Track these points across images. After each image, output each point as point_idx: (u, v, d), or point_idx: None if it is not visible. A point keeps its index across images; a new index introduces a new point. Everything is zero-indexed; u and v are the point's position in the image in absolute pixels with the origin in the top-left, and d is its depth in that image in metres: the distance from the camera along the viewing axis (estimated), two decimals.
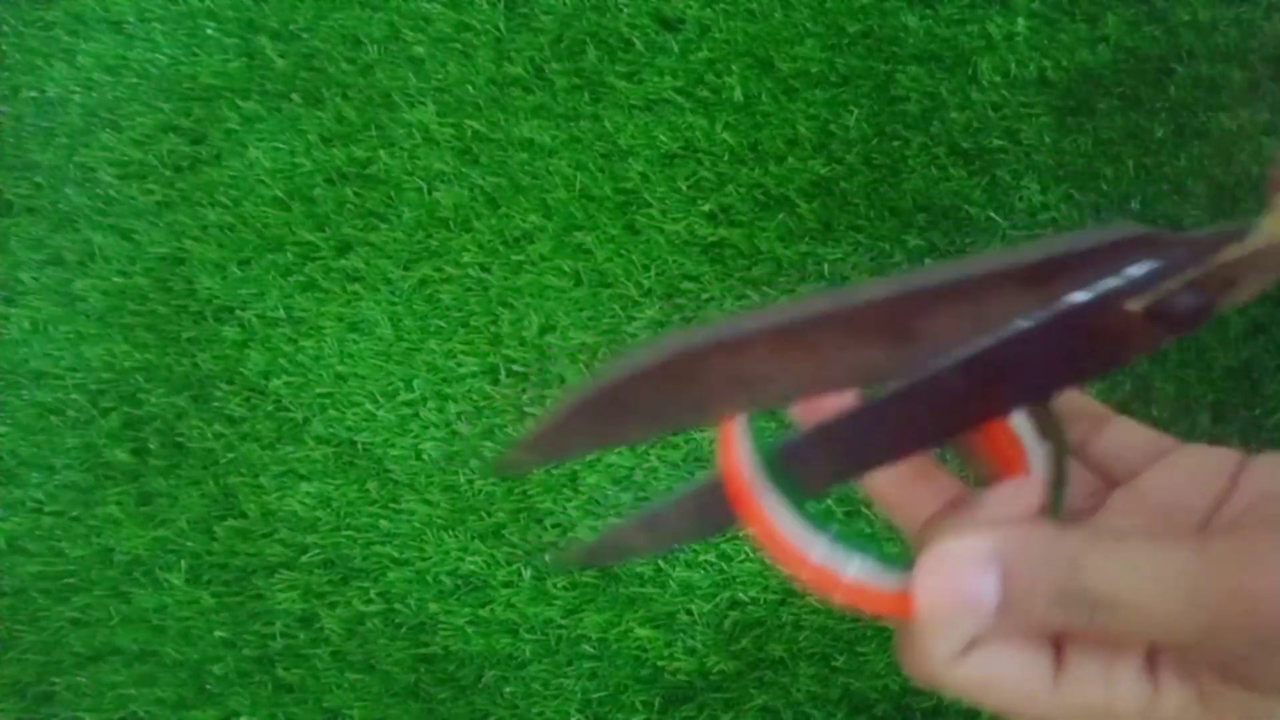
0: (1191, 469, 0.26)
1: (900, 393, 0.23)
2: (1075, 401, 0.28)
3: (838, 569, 0.23)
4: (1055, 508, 0.24)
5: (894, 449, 0.25)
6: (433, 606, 0.79)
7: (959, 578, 0.21)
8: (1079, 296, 0.23)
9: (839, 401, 0.24)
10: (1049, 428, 0.25)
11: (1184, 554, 0.21)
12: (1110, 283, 0.23)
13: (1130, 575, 0.21)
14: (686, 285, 0.82)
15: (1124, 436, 0.27)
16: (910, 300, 0.22)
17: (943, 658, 0.23)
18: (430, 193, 0.87)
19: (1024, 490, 0.24)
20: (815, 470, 0.24)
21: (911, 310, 0.22)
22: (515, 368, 0.82)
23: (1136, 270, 0.23)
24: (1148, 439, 0.27)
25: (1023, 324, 0.23)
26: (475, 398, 0.82)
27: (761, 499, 0.23)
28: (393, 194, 0.88)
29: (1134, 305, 0.23)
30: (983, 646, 0.23)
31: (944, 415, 0.24)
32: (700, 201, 0.83)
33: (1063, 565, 0.21)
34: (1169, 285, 0.23)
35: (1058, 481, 0.25)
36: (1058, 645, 0.23)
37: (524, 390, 0.82)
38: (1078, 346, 0.23)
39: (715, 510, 0.25)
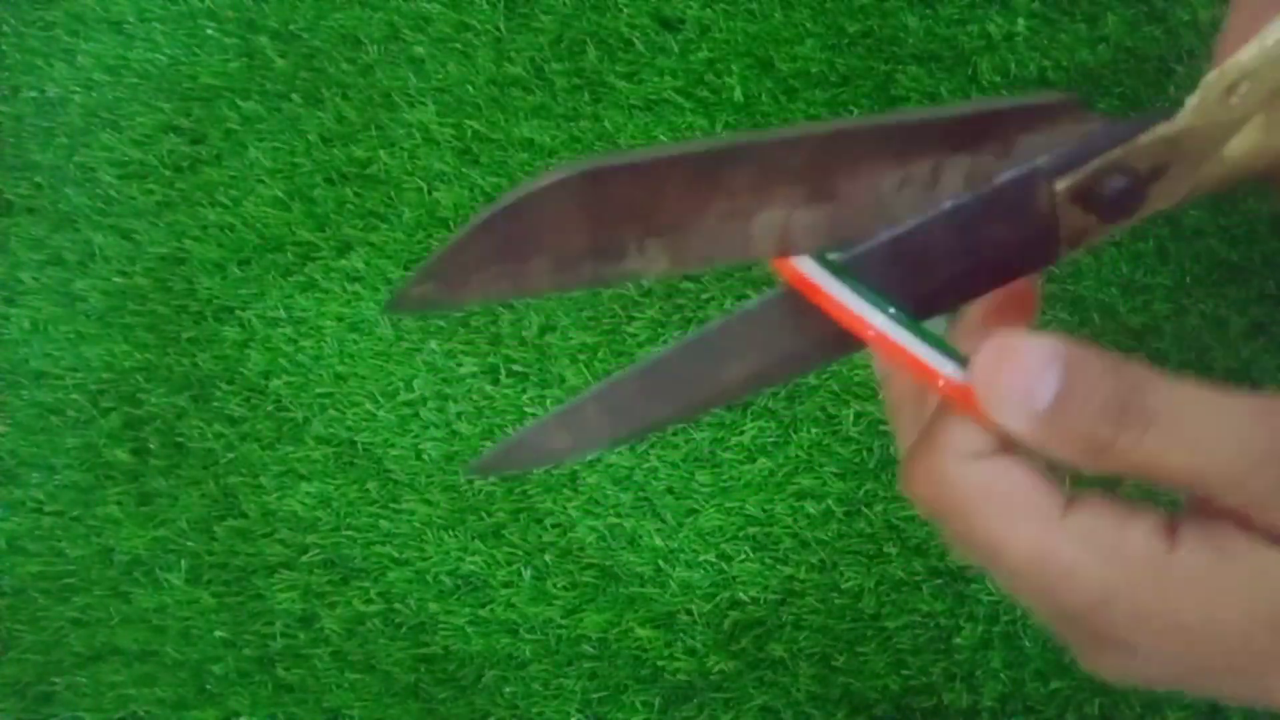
0: None
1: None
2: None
3: (903, 340, 0.22)
4: None
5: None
6: (433, 606, 0.79)
7: (1021, 363, 0.20)
8: (1007, 173, 0.22)
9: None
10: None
11: (1248, 399, 0.20)
12: (1038, 160, 0.22)
13: (1198, 403, 0.20)
14: (686, 285, 0.82)
15: None
16: (831, 145, 0.21)
17: (958, 452, 0.22)
18: (430, 193, 0.87)
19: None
20: None
21: (833, 159, 0.21)
22: (515, 368, 0.82)
23: (1063, 147, 0.22)
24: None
25: (949, 203, 0.22)
26: (475, 398, 0.82)
27: (844, 295, 0.22)
28: (393, 194, 0.88)
29: (1062, 184, 0.22)
30: (1002, 455, 0.22)
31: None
32: None
33: (1126, 380, 0.20)
34: (1097, 163, 0.22)
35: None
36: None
37: (524, 390, 0.82)
38: (1008, 231, 0.22)
39: (632, 409, 0.23)
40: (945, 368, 0.21)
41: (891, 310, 0.22)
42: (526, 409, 0.81)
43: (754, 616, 0.75)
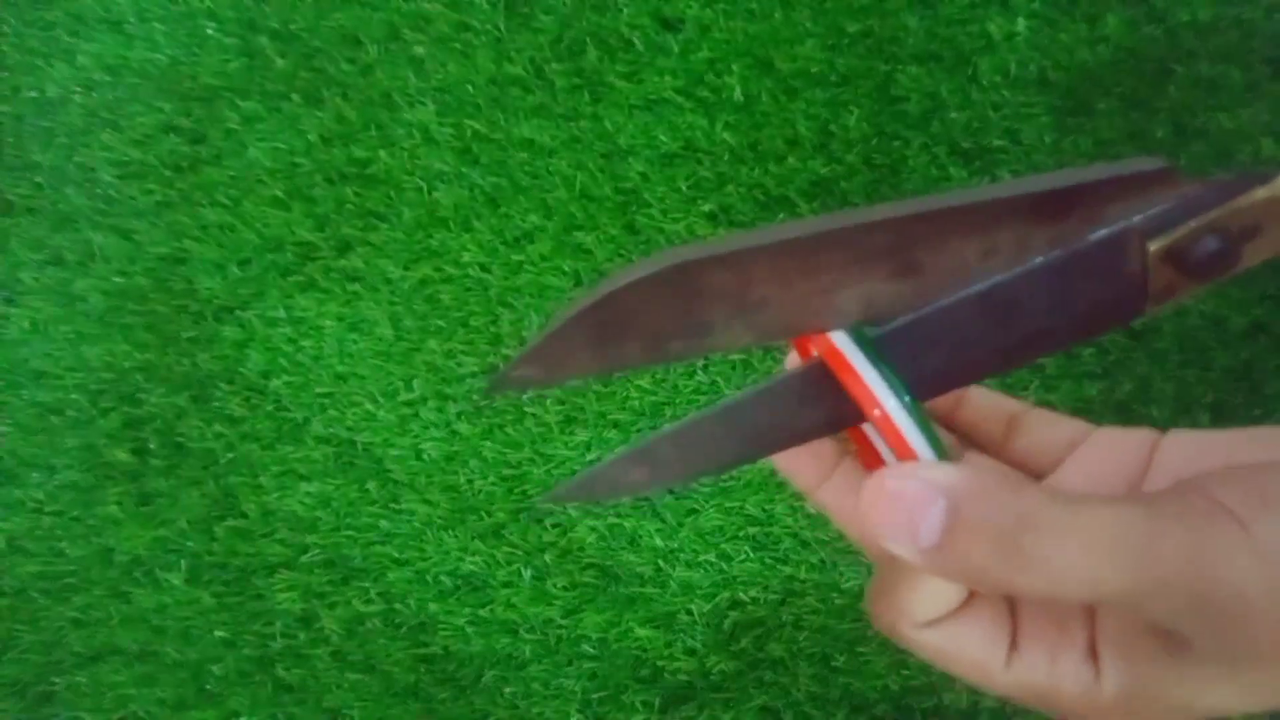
0: (1106, 454, 0.26)
1: (910, 323, 0.22)
2: (988, 400, 0.28)
3: (897, 417, 0.22)
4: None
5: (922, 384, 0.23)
6: (433, 606, 0.79)
7: (903, 501, 0.21)
8: (1099, 233, 0.21)
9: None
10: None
11: (1136, 512, 0.20)
12: (1129, 220, 0.21)
13: (1082, 531, 0.20)
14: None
15: (1042, 430, 0.28)
16: (917, 225, 0.21)
17: (911, 622, 0.24)
18: (430, 193, 0.87)
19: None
20: None
21: (918, 237, 0.21)
22: None
23: (1156, 208, 0.22)
24: (1066, 429, 0.27)
25: (1038, 259, 0.22)
26: (475, 398, 0.82)
27: (852, 357, 0.22)
28: (393, 194, 0.88)
29: (1156, 244, 0.22)
30: (949, 622, 0.24)
31: (956, 353, 0.23)
32: (700, 201, 0.83)
33: (1012, 517, 0.20)
34: (1190, 226, 0.22)
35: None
36: (1014, 629, 0.24)
37: (524, 390, 0.82)
38: (1096, 289, 0.22)
39: (716, 446, 0.24)
40: (925, 454, 0.22)
41: (906, 398, 0.22)
42: (526, 409, 0.81)
43: (754, 616, 0.75)
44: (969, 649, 0.24)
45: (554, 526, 0.79)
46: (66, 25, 0.98)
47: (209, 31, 0.95)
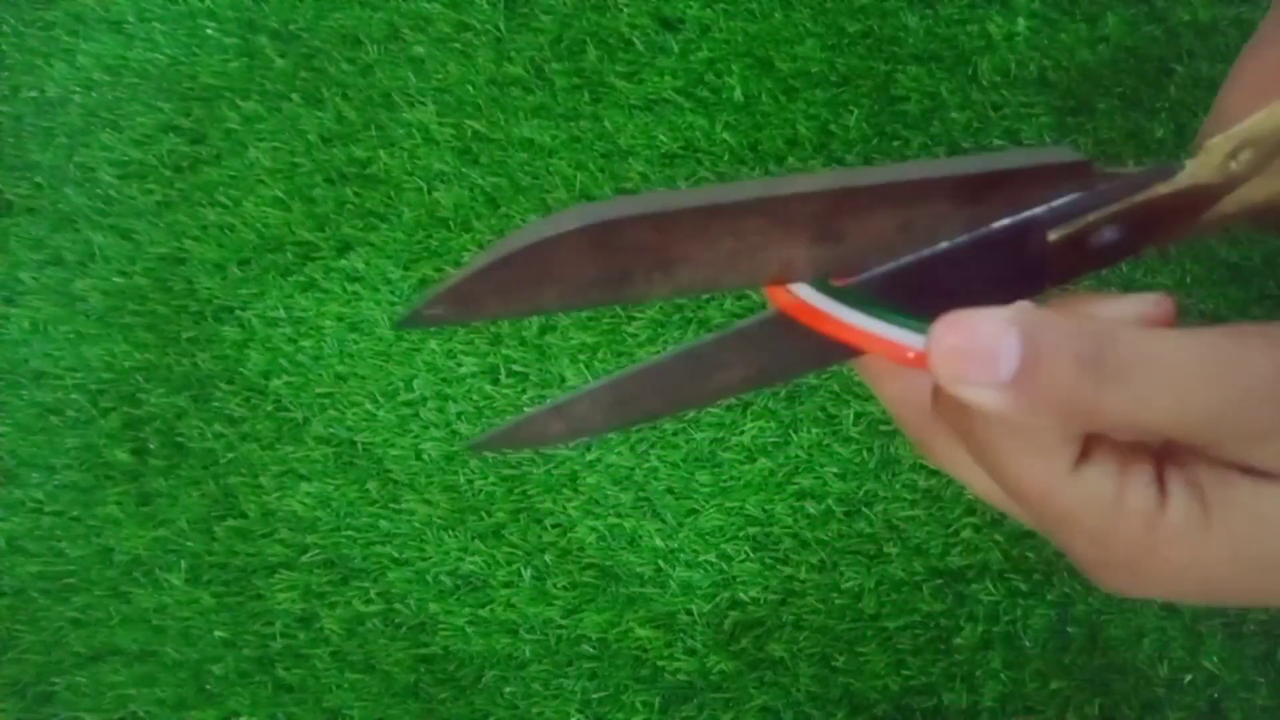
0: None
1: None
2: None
3: (881, 333, 0.23)
4: None
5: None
6: (433, 606, 0.79)
7: (975, 335, 0.20)
8: (1003, 221, 0.23)
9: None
10: None
11: (1213, 335, 0.20)
12: (1035, 209, 0.23)
13: (1169, 347, 0.20)
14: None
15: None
16: (841, 199, 0.22)
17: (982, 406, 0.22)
18: (430, 193, 0.87)
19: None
20: None
21: (842, 208, 0.22)
22: (515, 368, 0.82)
23: (1062, 199, 0.23)
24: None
25: (945, 244, 0.23)
26: (475, 398, 0.82)
27: (840, 312, 0.23)
28: (393, 194, 0.88)
29: (1055, 234, 0.23)
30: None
31: None
32: None
33: (1093, 334, 0.20)
34: (1092, 218, 0.23)
35: None
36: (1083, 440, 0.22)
37: (524, 390, 0.82)
38: (997, 269, 0.24)
39: (629, 402, 0.25)
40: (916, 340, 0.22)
41: (884, 311, 0.23)
42: (526, 409, 0.81)
43: (754, 616, 0.75)
44: (1032, 450, 0.22)
45: (554, 526, 0.79)
46: (66, 25, 0.98)
47: (209, 31, 0.95)
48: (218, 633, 0.81)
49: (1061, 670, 0.71)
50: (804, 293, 0.23)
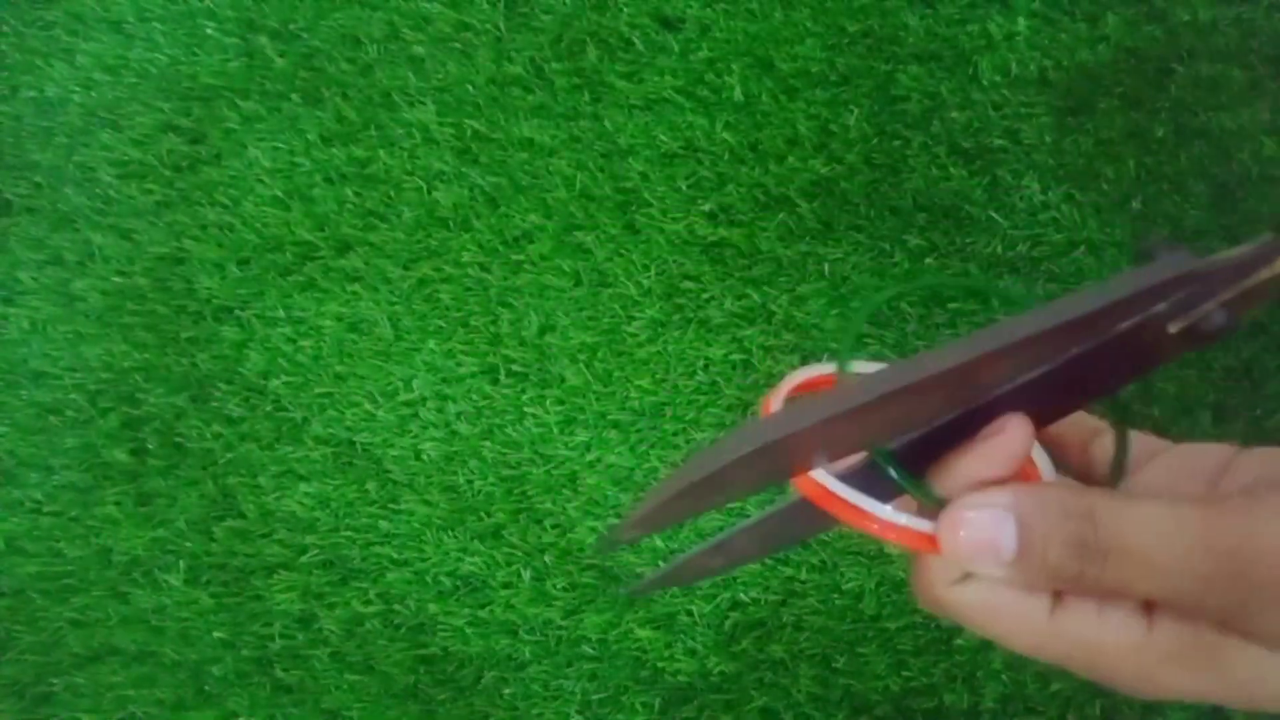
0: (1186, 462, 0.27)
1: (959, 418, 0.26)
2: (1071, 418, 0.29)
3: (894, 520, 0.25)
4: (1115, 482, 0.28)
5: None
6: (432, 607, 0.78)
7: (978, 527, 0.23)
8: (1126, 324, 0.25)
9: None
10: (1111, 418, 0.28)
11: (1194, 510, 0.22)
12: (1157, 307, 0.25)
13: (1143, 526, 0.22)
14: (686, 285, 0.82)
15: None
16: (978, 363, 0.24)
17: (946, 582, 0.25)
18: (430, 192, 0.87)
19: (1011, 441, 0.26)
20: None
21: (977, 369, 0.24)
22: (515, 368, 0.82)
23: (1176, 294, 0.25)
24: (1144, 443, 0.29)
25: (1075, 350, 0.25)
26: (475, 398, 0.82)
27: (839, 491, 0.26)
28: (393, 194, 0.88)
29: (1175, 326, 0.25)
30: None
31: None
32: (700, 201, 0.83)
33: (1077, 516, 0.23)
34: (1203, 310, 0.25)
35: (1117, 462, 0.27)
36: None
37: (523, 390, 0.82)
38: (1119, 363, 0.26)
39: (776, 534, 0.28)
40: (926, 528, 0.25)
41: (888, 507, 0.25)
42: (526, 409, 0.81)
43: (754, 617, 0.75)
44: (1011, 601, 0.24)
45: (554, 527, 0.79)
46: (66, 25, 0.98)
47: (209, 31, 0.95)
48: (217, 633, 0.81)
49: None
50: (825, 480, 0.26)
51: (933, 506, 0.25)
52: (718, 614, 0.75)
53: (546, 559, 0.78)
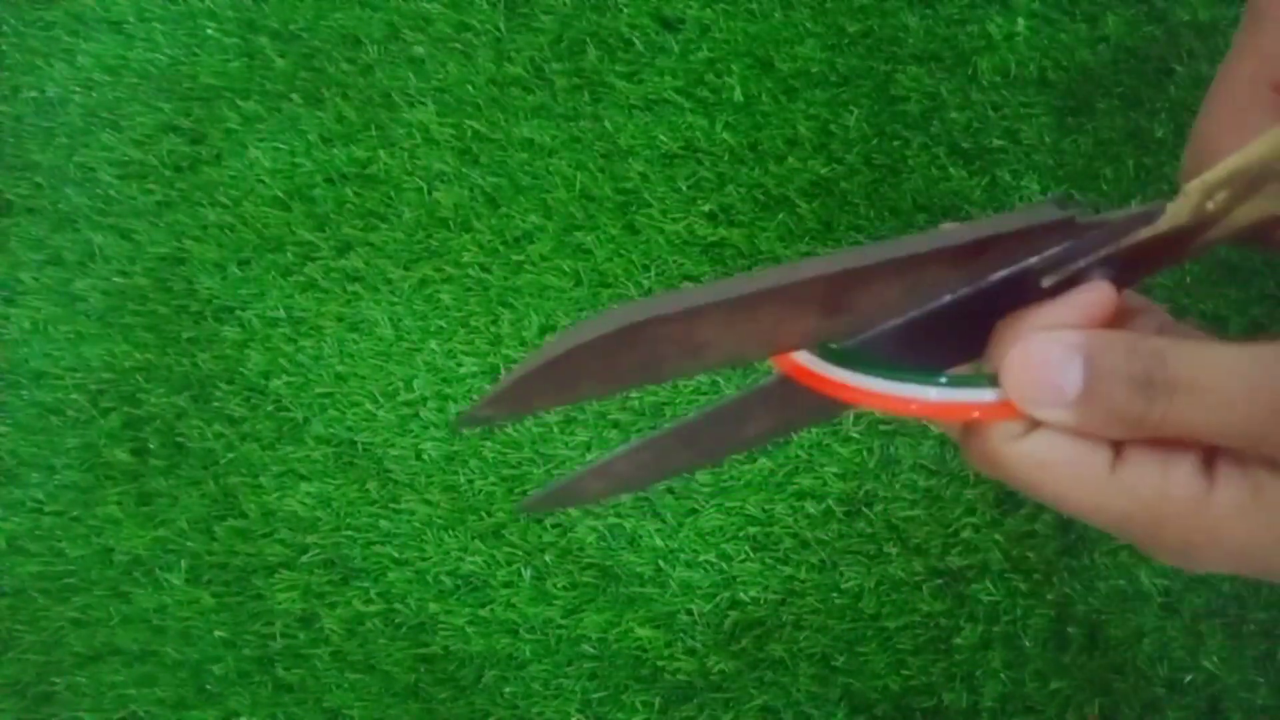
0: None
1: (843, 350, 0.26)
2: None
3: (924, 396, 0.25)
4: None
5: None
6: (433, 606, 0.79)
7: (1044, 363, 0.23)
8: (1000, 274, 0.25)
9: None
10: None
11: (1264, 347, 0.22)
12: (1029, 260, 0.25)
13: (1213, 363, 0.22)
14: (687, 285, 0.82)
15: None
16: (849, 277, 0.24)
17: (1003, 435, 0.24)
18: (430, 193, 0.87)
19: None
20: None
21: (848, 285, 0.24)
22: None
23: (1053, 249, 0.25)
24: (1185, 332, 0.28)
25: (948, 297, 0.25)
26: (475, 397, 0.82)
27: (837, 374, 0.25)
28: (393, 194, 0.88)
29: (1048, 281, 0.25)
30: (1045, 429, 0.24)
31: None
32: (700, 201, 0.83)
33: (1145, 356, 0.22)
34: (1082, 263, 0.25)
35: None
36: (1118, 444, 0.24)
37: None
38: (993, 316, 0.26)
39: (664, 459, 0.28)
40: (984, 396, 0.24)
41: (900, 373, 0.25)
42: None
43: (754, 616, 0.75)
44: (1071, 454, 0.23)
45: (554, 527, 0.79)
46: (66, 25, 0.98)
47: (209, 31, 0.95)
48: (218, 633, 0.81)
49: (1061, 670, 0.71)
50: (804, 359, 0.26)
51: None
52: (717, 613, 0.75)
53: (547, 558, 0.78)
